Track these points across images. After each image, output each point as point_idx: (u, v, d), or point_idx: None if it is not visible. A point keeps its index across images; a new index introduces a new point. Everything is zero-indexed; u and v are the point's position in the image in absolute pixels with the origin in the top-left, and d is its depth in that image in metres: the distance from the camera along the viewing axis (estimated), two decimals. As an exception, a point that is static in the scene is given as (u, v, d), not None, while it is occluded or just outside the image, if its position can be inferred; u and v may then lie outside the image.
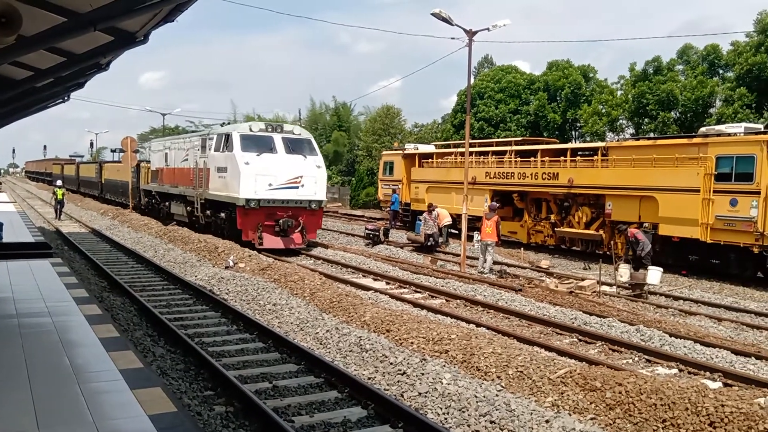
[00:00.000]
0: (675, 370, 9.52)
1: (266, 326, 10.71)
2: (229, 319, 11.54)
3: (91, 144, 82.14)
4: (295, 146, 21.21)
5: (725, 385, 8.77)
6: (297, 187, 20.54)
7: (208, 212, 23.12)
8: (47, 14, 6.85)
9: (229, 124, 24.24)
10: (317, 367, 8.63)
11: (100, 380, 5.96)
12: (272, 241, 20.37)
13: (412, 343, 9.76)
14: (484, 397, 7.49)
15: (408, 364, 8.60)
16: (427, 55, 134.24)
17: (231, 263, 16.97)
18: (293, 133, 21.67)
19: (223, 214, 21.78)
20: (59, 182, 34.59)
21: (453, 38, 20.40)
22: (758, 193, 16.93)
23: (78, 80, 11.69)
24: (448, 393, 7.64)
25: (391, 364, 8.72)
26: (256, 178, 20.00)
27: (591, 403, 7.47)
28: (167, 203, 28.75)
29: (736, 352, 10.20)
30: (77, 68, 9.68)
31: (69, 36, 7.29)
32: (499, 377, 8.32)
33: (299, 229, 20.61)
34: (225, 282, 14.72)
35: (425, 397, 7.70)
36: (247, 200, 19.94)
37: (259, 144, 20.79)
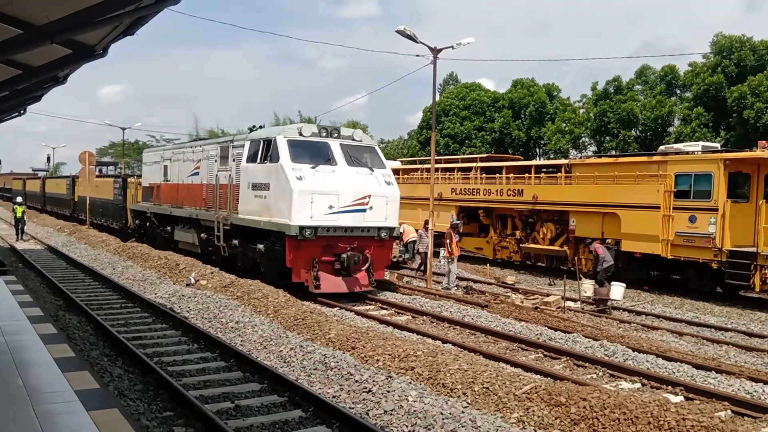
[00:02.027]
0: (638, 385, 9.60)
1: (228, 344, 10.51)
2: (190, 338, 11.30)
3: (48, 158, 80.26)
4: (357, 156, 16.41)
5: (687, 398, 8.86)
6: (364, 211, 15.63)
7: (235, 242, 17.64)
8: (2, 26, 6.68)
9: (259, 128, 18.52)
10: (281, 386, 8.48)
11: (55, 401, 5.75)
12: (332, 283, 15.47)
13: (377, 360, 9.68)
14: (450, 414, 7.43)
15: (373, 381, 8.51)
16: (392, 71, 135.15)
17: (192, 280, 16.68)
18: (353, 139, 16.75)
19: (261, 246, 16.34)
20: (19, 199, 32.91)
21: (418, 55, 20.60)
22: (716, 210, 17.30)
23: (35, 93, 11.44)
24: (414, 410, 7.57)
25: (357, 381, 8.62)
26: (314, 198, 15.06)
27: (556, 419, 7.47)
28: (168, 228, 23.01)
29: (697, 366, 10.34)
30: (34, 81, 9.46)
31: (25, 48, 7.11)
32: (465, 394, 8.28)
33: (366, 266, 15.91)
34: (186, 299, 14.45)
35: (391, 415, 7.61)
36: (302, 228, 14.90)
37: (312, 153, 15.87)
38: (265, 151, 16.27)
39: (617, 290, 16.06)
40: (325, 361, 9.50)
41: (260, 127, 18.66)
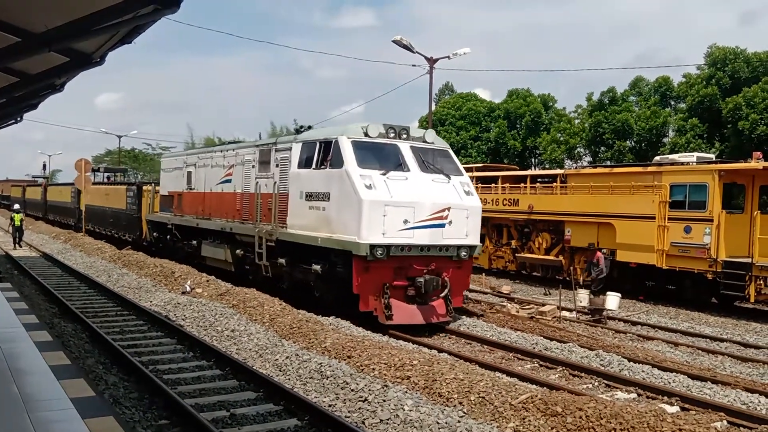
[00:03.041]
0: (634, 395, 9.60)
1: (224, 353, 10.49)
2: (186, 346, 11.27)
3: (44, 166, 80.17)
4: (431, 160, 14.16)
5: (682, 409, 8.86)
6: (443, 226, 13.37)
7: (281, 261, 15.26)
8: (0, 34, 6.70)
9: (308, 129, 15.98)
10: (276, 395, 8.46)
11: (50, 409, 5.73)
12: (406, 313, 13.13)
13: (373, 369, 9.66)
14: (446, 423, 7.42)
15: (369, 390, 8.50)
16: (389, 80, 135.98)
17: (188, 288, 16.64)
18: (425, 141, 14.46)
19: (316, 267, 13.94)
20: (16, 206, 32.09)
21: (414, 65, 20.73)
22: (711, 220, 17.36)
23: (31, 101, 11.46)
24: (410, 419, 7.56)
25: (353, 390, 8.60)
26: (386, 210, 12.78)
27: (552, 429, 7.46)
28: (194, 242, 20.64)
29: (692, 377, 10.35)
30: (31, 89, 9.49)
31: (23, 56, 7.15)
32: (461, 403, 8.27)
33: (445, 292, 13.58)
34: (181, 308, 14.41)
35: (387, 424, 7.59)
36: (373, 247, 12.61)
37: (380, 157, 13.67)
38: (323, 155, 14.01)
39: (612, 300, 16.09)
40: (321, 369, 9.49)
41: (309, 127, 16.18)
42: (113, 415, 5.77)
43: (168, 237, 22.88)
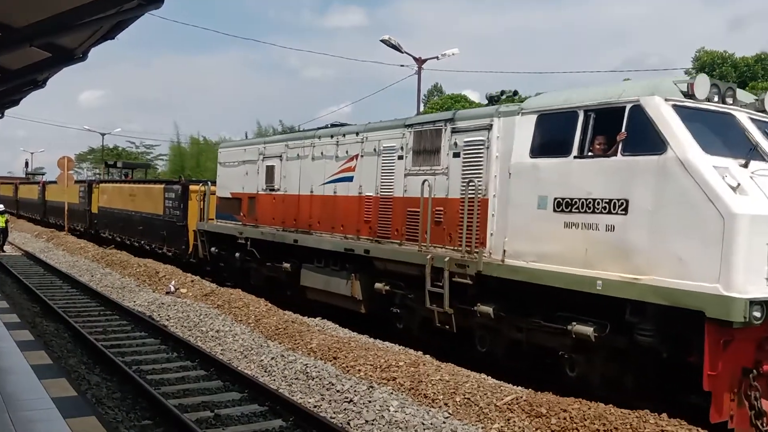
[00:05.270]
0: (618, 396, 9.62)
1: (208, 353, 10.43)
2: (170, 347, 11.19)
3: (27, 163, 79.31)
4: None
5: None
6: None
7: (485, 309, 9.45)
8: (-20, 28, 6.61)
9: (511, 96, 11.00)
10: (261, 396, 8.42)
11: (31, 409, 5.67)
12: None
13: (359, 370, 9.62)
14: (431, 424, 7.42)
15: (355, 391, 8.48)
16: (377, 80, 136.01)
17: (172, 288, 16.52)
18: (763, 110, 8.76)
19: (584, 330, 8.09)
20: (0, 206, 30.94)
21: (402, 65, 20.73)
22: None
23: (13, 97, 11.34)
24: (396, 421, 7.54)
25: (338, 391, 8.58)
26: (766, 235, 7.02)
27: (537, 430, 7.47)
28: (285, 265, 14.53)
29: (676, 378, 10.39)
30: (12, 85, 9.39)
31: (4, 51, 7.05)
32: (446, 404, 8.26)
33: None
34: (166, 308, 14.31)
35: (372, 425, 7.57)
36: (752, 304, 6.72)
37: (720, 136, 8.03)
38: (594, 132, 8.35)
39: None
40: (306, 370, 9.45)
41: (514, 93, 11.06)
42: (95, 415, 5.72)
43: (237, 255, 16.45)
